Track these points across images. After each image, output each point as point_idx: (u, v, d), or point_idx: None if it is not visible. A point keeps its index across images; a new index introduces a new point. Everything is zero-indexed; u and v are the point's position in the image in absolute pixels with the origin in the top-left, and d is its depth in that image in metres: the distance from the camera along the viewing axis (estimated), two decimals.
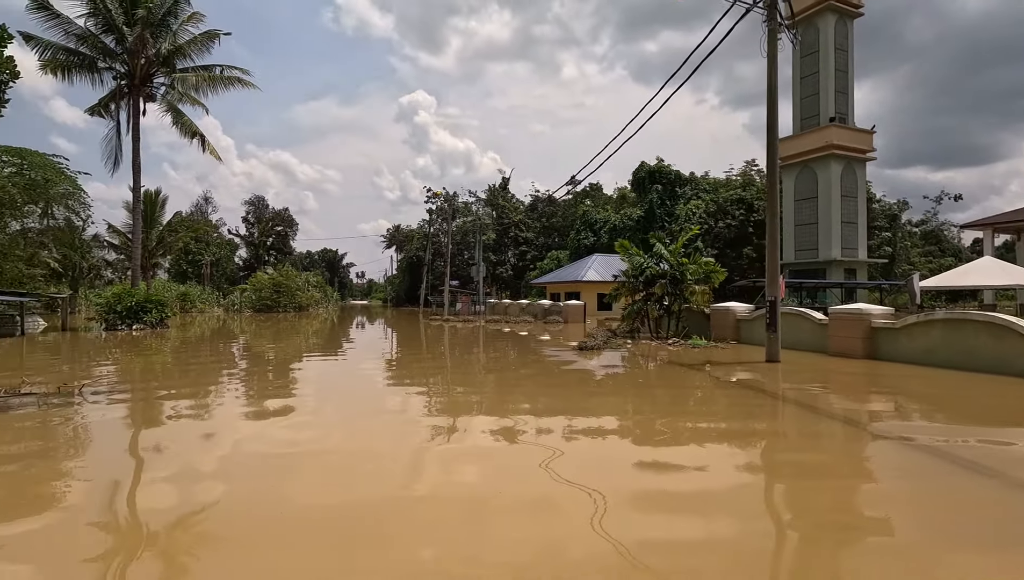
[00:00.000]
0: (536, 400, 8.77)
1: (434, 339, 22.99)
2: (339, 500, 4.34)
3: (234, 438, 6.39)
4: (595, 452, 5.73)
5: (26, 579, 3.16)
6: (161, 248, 56.75)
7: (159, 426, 7.17)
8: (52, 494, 4.54)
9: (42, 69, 26.74)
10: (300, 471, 5.17)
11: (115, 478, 4.90)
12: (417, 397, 9.45)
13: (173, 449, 5.87)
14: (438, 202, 68.39)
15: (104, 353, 16.34)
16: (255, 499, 4.36)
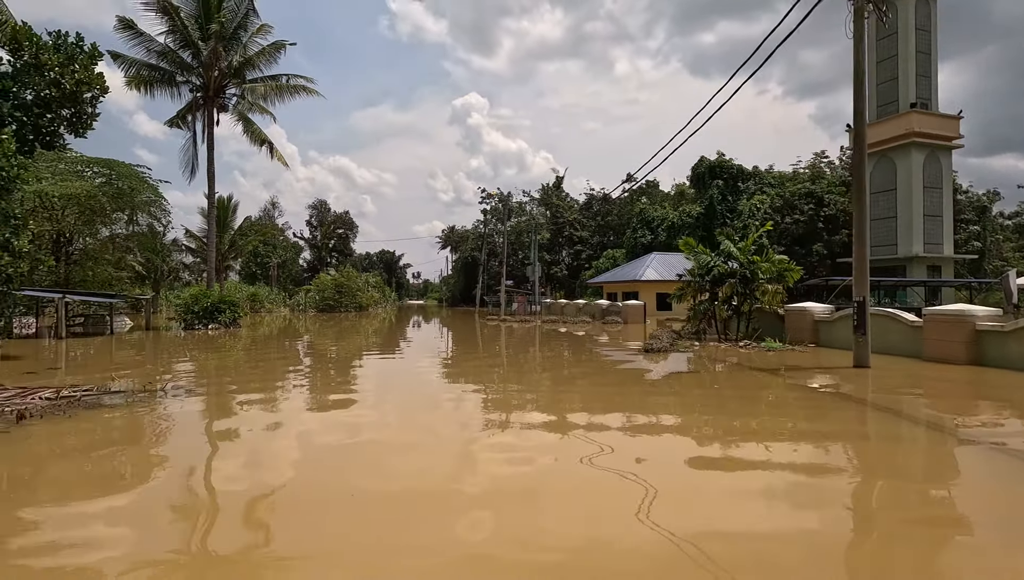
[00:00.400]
0: (612, 404, 8.46)
1: (491, 338, 22.98)
2: (397, 486, 4.62)
3: (301, 430, 6.78)
4: (675, 461, 5.39)
5: (122, 547, 3.55)
6: (233, 251, 59.76)
7: (233, 419, 7.56)
8: (141, 476, 5.01)
9: (127, 85, 28.53)
10: (362, 460, 5.50)
11: (193, 464, 5.37)
12: (475, 395, 9.42)
13: (245, 439, 6.29)
14: (492, 202, 68.77)
15: (183, 351, 17.21)
16: (320, 483, 4.74)
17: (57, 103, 13.04)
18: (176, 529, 3.81)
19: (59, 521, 3.93)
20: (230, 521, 3.97)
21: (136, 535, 3.69)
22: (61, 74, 12.98)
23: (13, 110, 12.43)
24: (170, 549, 3.48)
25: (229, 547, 3.52)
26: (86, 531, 3.77)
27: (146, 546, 3.53)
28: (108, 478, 4.92)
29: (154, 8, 26.36)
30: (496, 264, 65.85)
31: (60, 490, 4.57)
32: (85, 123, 13.95)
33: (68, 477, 4.90)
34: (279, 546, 3.56)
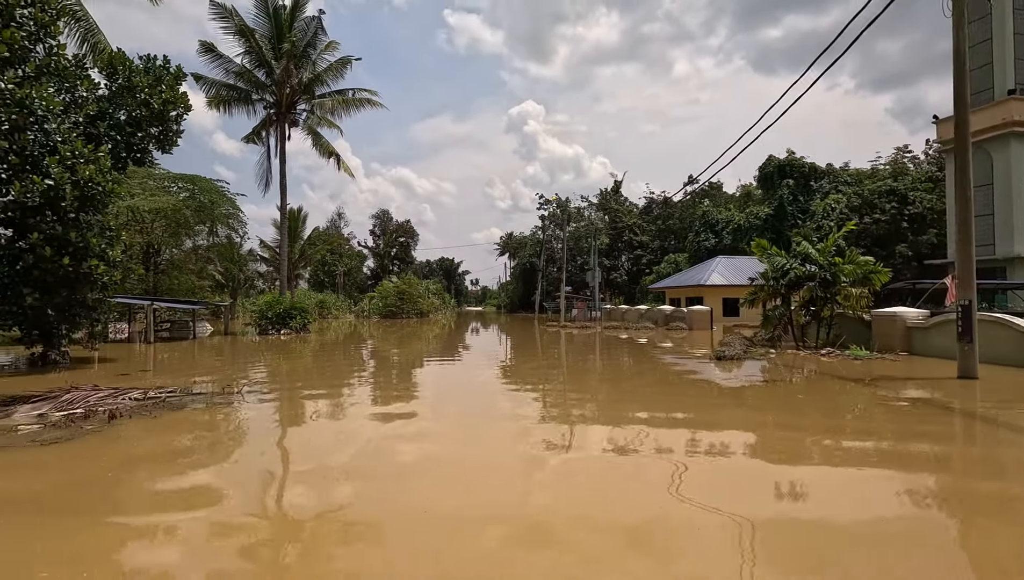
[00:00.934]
0: (685, 418, 8.01)
1: (550, 345, 22.70)
2: (458, 491, 4.68)
3: (366, 431, 6.97)
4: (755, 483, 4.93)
5: (201, 537, 3.78)
6: (303, 260, 62.41)
7: (303, 419, 7.77)
8: (219, 472, 5.27)
9: (208, 105, 30.50)
10: (426, 467, 5.52)
11: (266, 461, 5.64)
12: (535, 403, 9.18)
13: (314, 439, 6.58)
14: (550, 208, 68.62)
15: (258, 355, 17.96)
16: (382, 485, 4.90)
17: (147, 122, 13.93)
18: (244, 528, 3.87)
19: (138, 531, 4.00)
20: (296, 514, 4.16)
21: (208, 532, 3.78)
22: (150, 95, 13.85)
23: (108, 129, 13.34)
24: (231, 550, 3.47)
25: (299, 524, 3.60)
26: (167, 536, 3.82)
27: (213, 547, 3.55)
28: (190, 474, 5.12)
29: (232, 31, 28.02)
30: (555, 270, 65.53)
31: (142, 493, 4.69)
32: (171, 140, 14.84)
33: (151, 474, 5.04)
34: (343, 540, 3.65)
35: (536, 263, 65.52)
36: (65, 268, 11.86)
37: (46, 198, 11.61)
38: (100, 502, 4.32)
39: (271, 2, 28.56)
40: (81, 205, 12.41)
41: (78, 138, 12.35)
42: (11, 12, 11.42)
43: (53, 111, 12.12)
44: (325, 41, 30.18)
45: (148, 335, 22.47)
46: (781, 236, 39.55)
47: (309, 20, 29.47)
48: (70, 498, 4.41)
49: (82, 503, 4.31)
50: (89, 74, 13.91)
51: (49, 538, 3.60)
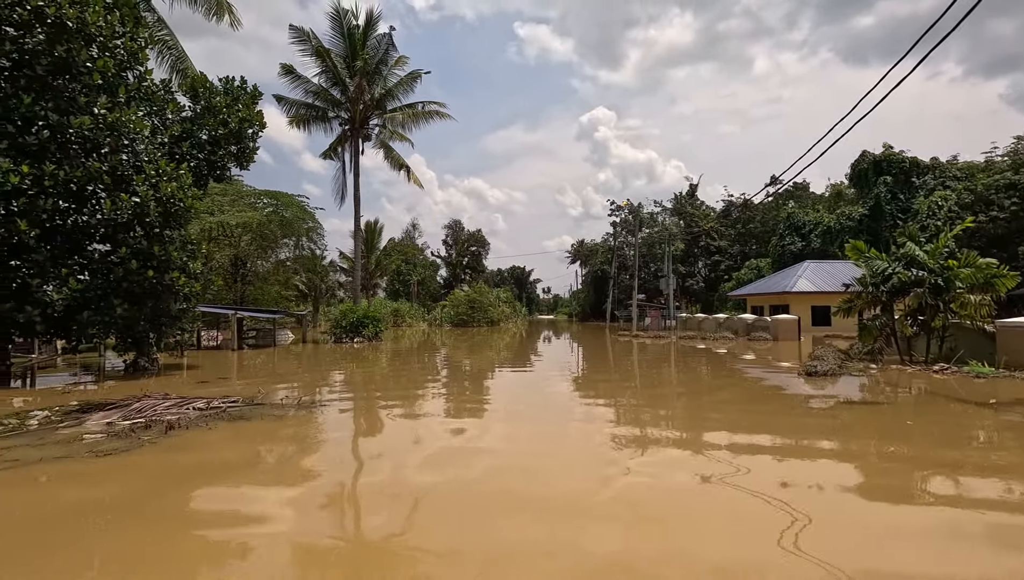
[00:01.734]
0: (775, 443, 7.05)
1: (622, 354, 21.76)
2: (534, 500, 4.63)
3: (439, 435, 7.25)
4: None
5: (288, 529, 4.06)
6: (379, 270, 64.62)
7: (379, 425, 7.97)
8: (303, 473, 5.62)
9: (290, 124, 32.15)
10: (500, 474, 5.59)
11: (346, 462, 5.99)
12: (606, 414, 8.56)
13: (389, 445, 6.92)
14: (622, 214, 67.04)
15: (328, 363, 18.35)
16: (458, 485, 5.04)
17: (225, 140, 14.54)
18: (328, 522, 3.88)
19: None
20: (374, 515, 4.38)
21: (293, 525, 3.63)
22: (228, 114, 14.44)
23: (191, 148, 13.99)
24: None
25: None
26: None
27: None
28: (272, 477, 5.21)
29: (309, 53, 29.40)
30: (627, 277, 63.74)
31: (178, 510, 4.52)
32: (248, 156, 15.47)
33: (190, 490, 4.89)
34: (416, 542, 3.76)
35: (607, 270, 64.06)
36: (150, 280, 12.53)
37: (134, 214, 12.33)
38: (134, 518, 4.17)
39: (345, 23, 29.71)
40: (165, 221, 13.10)
41: (162, 157, 13.08)
42: (105, 43, 12.28)
43: (141, 133, 12.91)
44: (395, 56, 31.00)
45: (234, 343, 23.72)
46: (878, 238, 36.11)
47: (380, 37, 30.41)
48: (110, 511, 4.31)
49: (120, 516, 4.18)
50: (175, 97, 14.73)
51: (68, 555, 3.43)
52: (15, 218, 10.95)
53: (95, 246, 12.69)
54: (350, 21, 29.89)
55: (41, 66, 11.23)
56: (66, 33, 11.45)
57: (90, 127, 11.62)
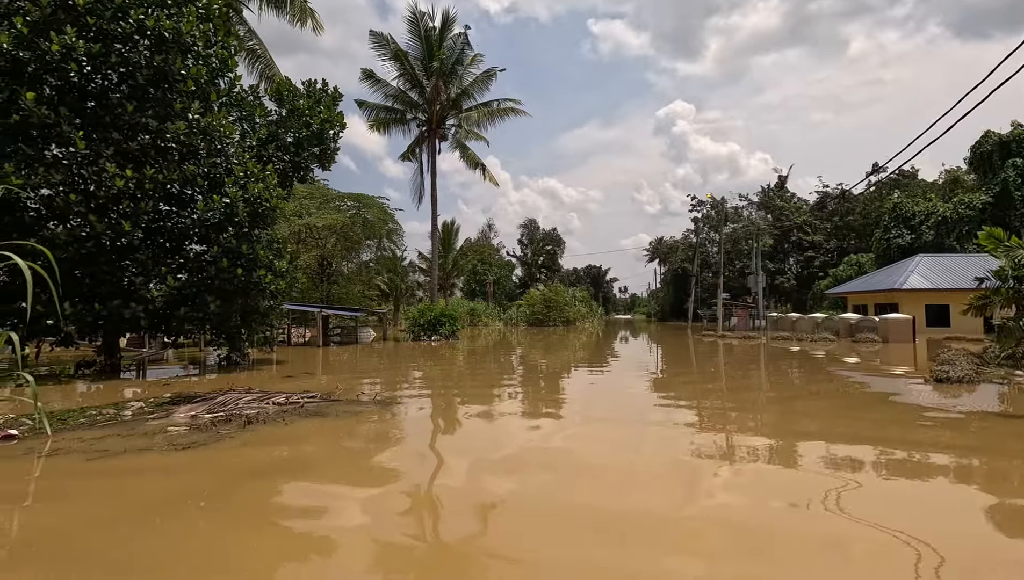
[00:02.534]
0: (913, 459, 5.98)
1: (706, 355, 20.42)
2: (605, 504, 4.47)
3: (515, 436, 7.07)
4: None
5: (369, 526, 4.00)
6: (455, 270, 65.69)
7: (454, 424, 7.75)
8: (378, 472, 5.50)
9: (370, 128, 33.12)
10: (569, 467, 5.63)
11: (425, 461, 5.86)
12: (688, 413, 7.95)
13: (464, 445, 6.75)
14: (704, 209, 64.09)
15: (405, 360, 18.50)
16: (532, 492, 4.86)
17: (308, 142, 14.91)
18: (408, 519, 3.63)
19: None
20: (452, 512, 4.30)
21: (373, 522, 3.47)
22: (310, 116, 14.80)
23: (276, 151, 14.45)
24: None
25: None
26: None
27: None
28: (353, 472, 5.21)
29: (388, 57, 30.10)
30: (710, 275, 60.80)
31: (247, 506, 4.32)
32: (329, 157, 15.79)
33: (260, 487, 4.70)
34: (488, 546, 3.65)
35: (689, 269, 61.38)
36: (239, 278, 13.02)
37: (224, 215, 12.85)
38: (214, 512, 4.00)
39: (422, 25, 30.16)
40: (253, 221, 13.59)
41: (250, 160, 13.59)
42: (199, 52, 12.90)
43: (232, 137, 13.47)
44: (471, 55, 31.11)
45: (319, 339, 24.63)
46: (1006, 228, 31.88)
47: (456, 37, 30.60)
48: (189, 505, 4.18)
49: (199, 511, 4.03)
50: (263, 102, 15.29)
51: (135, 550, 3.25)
52: (120, 220, 11.69)
53: (192, 246, 13.37)
54: (427, 23, 30.33)
55: (142, 75, 11.92)
56: (164, 44, 12.10)
57: (184, 132, 12.21)
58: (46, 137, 11.09)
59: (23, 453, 5.69)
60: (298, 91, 15.82)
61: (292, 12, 18.28)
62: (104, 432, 6.56)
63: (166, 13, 11.98)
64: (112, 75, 11.75)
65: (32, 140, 11.01)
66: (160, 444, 5.92)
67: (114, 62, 11.48)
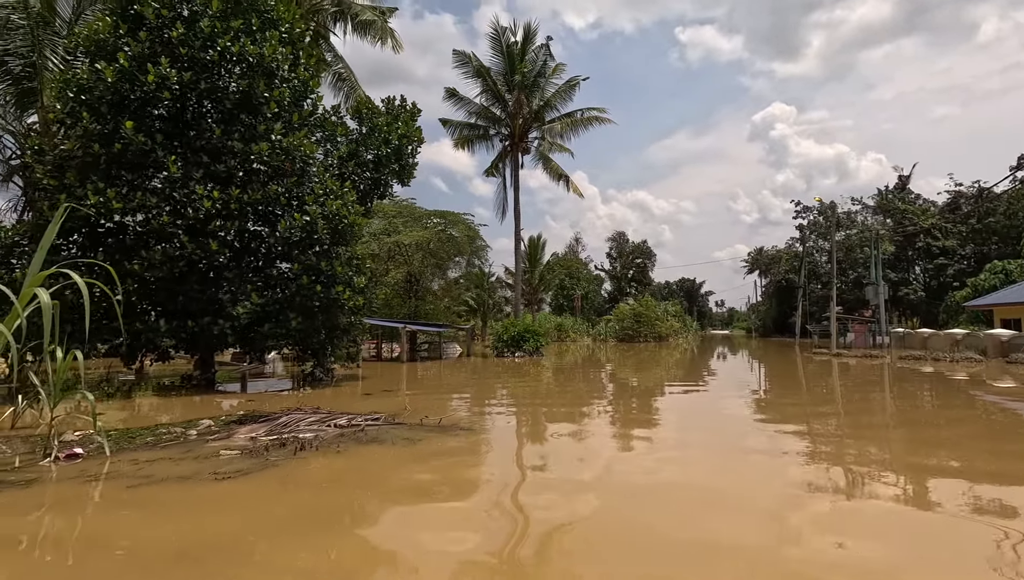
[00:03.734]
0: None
1: (818, 376, 18.09)
2: (697, 535, 4.08)
3: (604, 457, 6.76)
4: None
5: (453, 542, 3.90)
6: (542, 285, 65.15)
7: (526, 454, 7.12)
8: (464, 487, 5.50)
9: (455, 146, 33.54)
10: (659, 493, 5.29)
11: (508, 480, 5.73)
12: (796, 441, 6.90)
13: (552, 464, 6.47)
14: (810, 215, 59.15)
15: (483, 377, 17.94)
16: (620, 513, 4.62)
17: (387, 158, 14.89)
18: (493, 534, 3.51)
19: None
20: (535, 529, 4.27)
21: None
22: (388, 132, 14.77)
23: (356, 168, 14.55)
24: None
25: None
26: None
27: None
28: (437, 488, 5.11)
29: (471, 74, 30.31)
30: (818, 287, 55.57)
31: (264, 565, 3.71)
32: (408, 172, 15.73)
33: (291, 536, 4.10)
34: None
35: (794, 280, 56.54)
36: (318, 294, 13.07)
37: (305, 232, 13.00)
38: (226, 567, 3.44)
39: (504, 40, 30.12)
40: (333, 238, 13.67)
41: (329, 177, 13.72)
42: (281, 76, 13.26)
43: (313, 156, 13.68)
44: (552, 65, 30.58)
45: (403, 355, 24.82)
46: None
47: (538, 49, 30.26)
48: (198, 558, 3.66)
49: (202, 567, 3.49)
50: (345, 121, 15.52)
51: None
52: (208, 240, 12.11)
53: (278, 264, 13.66)
54: (508, 38, 30.26)
55: (229, 100, 12.37)
56: (249, 68, 12.51)
57: (268, 152, 12.49)
58: (144, 164, 11.73)
59: (75, 475, 5.56)
60: (377, 109, 15.95)
61: (373, 33, 18.74)
62: (161, 454, 6.39)
63: (251, 39, 12.38)
64: (203, 101, 12.29)
65: (132, 167, 11.69)
66: (206, 471, 5.58)
67: (203, 89, 11.99)
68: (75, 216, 11.40)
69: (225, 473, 5.48)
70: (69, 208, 8.36)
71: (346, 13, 18.64)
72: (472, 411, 10.84)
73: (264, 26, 12.84)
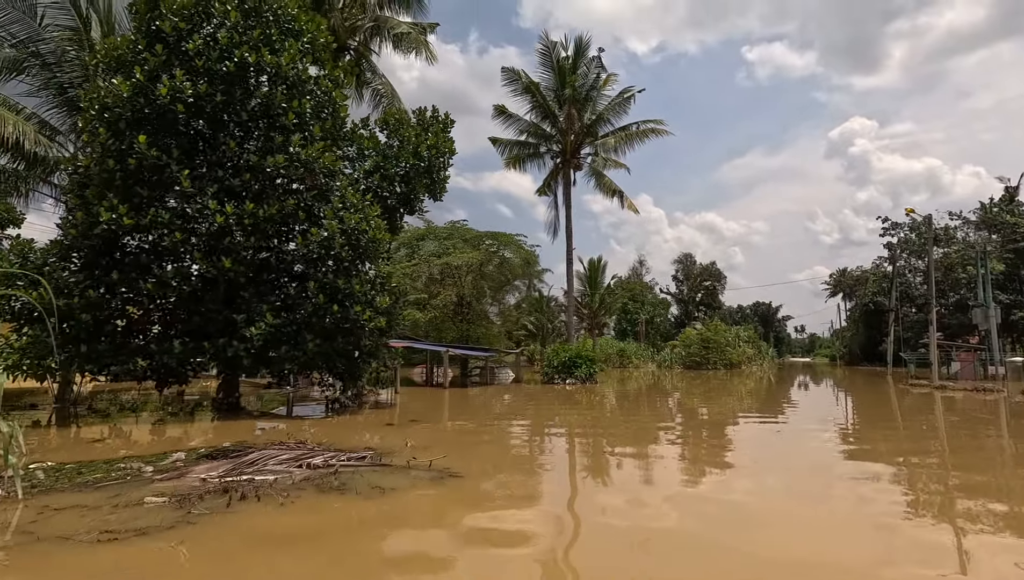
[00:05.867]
0: None
1: (916, 411, 15.33)
2: None
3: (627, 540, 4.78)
4: None
5: None
6: (603, 309, 62.84)
7: (532, 505, 5.52)
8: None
9: (506, 166, 32.71)
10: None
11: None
12: (892, 492, 4.65)
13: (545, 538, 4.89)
14: (901, 232, 53.78)
15: (528, 406, 16.39)
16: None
17: (414, 171, 13.97)
18: None
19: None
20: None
21: None
22: (416, 144, 13.88)
23: (381, 181, 13.74)
24: None
25: None
26: None
27: None
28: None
29: (519, 91, 29.50)
30: (912, 310, 49.96)
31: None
32: (440, 187, 14.73)
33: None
34: None
35: (883, 303, 51.26)
36: (334, 315, 12.17)
37: (323, 248, 12.19)
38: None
39: (554, 55, 29.17)
40: (354, 254, 12.80)
41: (351, 191, 12.92)
42: (302, 87, 12.72)
43: (336, 169, 12.96)
44: (604, 77, 29.24)
45: (444, 380, 23.71)
46: None
47: (589, 62, 29.05)
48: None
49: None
50: (375, 134, 14.84)
51: None
52: (221, 257, 11.51)
53: (294, 283, 12.92)
54: (559, 53, 29.28)
55: (246, 112, 11.88)
56: (267, 79, 12.02)
57: (284, 165, 11.85)
58: (159, 180, 11.35)
59: None
60: (405, 119, 15.20)
61: (407, 45, 18.28)
62: (85, 498, 5.40)
63: (268, 49, 11.90)
64: (219, 114, 11.86)
65: (147, 183, 11.34)
66: (103, 527, 4.47)
67: (219, 101, 11.56)
68: (97, 234, 11.17)
69: (116, 533, 4.33)
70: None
71: (382, 27, 18.31)
72: (481, 448, 9.39)
73: (284, 36, 12.38)
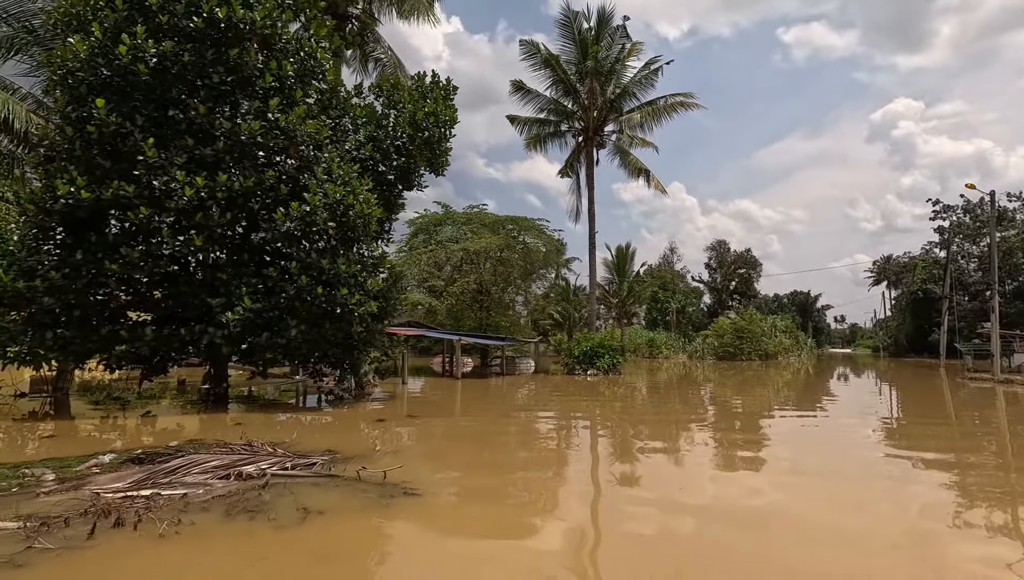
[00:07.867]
0: None
1: (973, 406, 13.40)
2: None
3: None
4: None
5: None
6: (631, 297, 60.74)
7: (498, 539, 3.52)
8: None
9: (527, 147, 31.14)
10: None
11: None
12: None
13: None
14: (954, 215, 50.18)
15: (539, 398, 15.05)
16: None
17: (414, 143, 12.66)
18: None
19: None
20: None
21: None
22: (413, 111, 12.53)
23: (374, 152, 12.43)
24: None
25: None
26: None
27: None
28: None
29: (539, 65, 27.80)
30: (965, 298, 46.54)
31: None
32: (441, 160, 13.39)
33: None
34: None
35: (932, 290, 47.93)
36: (319, 297, 11.00)
37: (304, 224, 11.02)
38: None
39: (576, 25, 27.35)
40: (340, 231, 11.60)
41: (337, 162, 11.68)
42: (284, 47, 11.51)
43: (321, 137, 11.74)
44: (628, 46, 27.26)
45: (457, 370, 22.52)
46: None
47: (613, 31, 27.13)
48: None
49: None
50: (372, 104, 13.58)
51: None
52: (193, 234, 10.45)
53: (278, 263, 11.77)
54: (580, 24, 27.43)
55: (217, 74, 10.74)
56: (240, 36, 10.83)
57: (260, 132, 10.68)
58: (122, 149, 10.31)
59: None
60: (401, 85, 13.88)
61: (411, 6, 16.95)
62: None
63: (240, 3, 10.70)
64: (188, 76, 10.73)
65: (108, 153, 10.31)
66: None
67: (187, 61, 10.42)
68: (56, 211, 10.22)
69: None
70: None
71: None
72: (460, 455, 8.09)
73: None
